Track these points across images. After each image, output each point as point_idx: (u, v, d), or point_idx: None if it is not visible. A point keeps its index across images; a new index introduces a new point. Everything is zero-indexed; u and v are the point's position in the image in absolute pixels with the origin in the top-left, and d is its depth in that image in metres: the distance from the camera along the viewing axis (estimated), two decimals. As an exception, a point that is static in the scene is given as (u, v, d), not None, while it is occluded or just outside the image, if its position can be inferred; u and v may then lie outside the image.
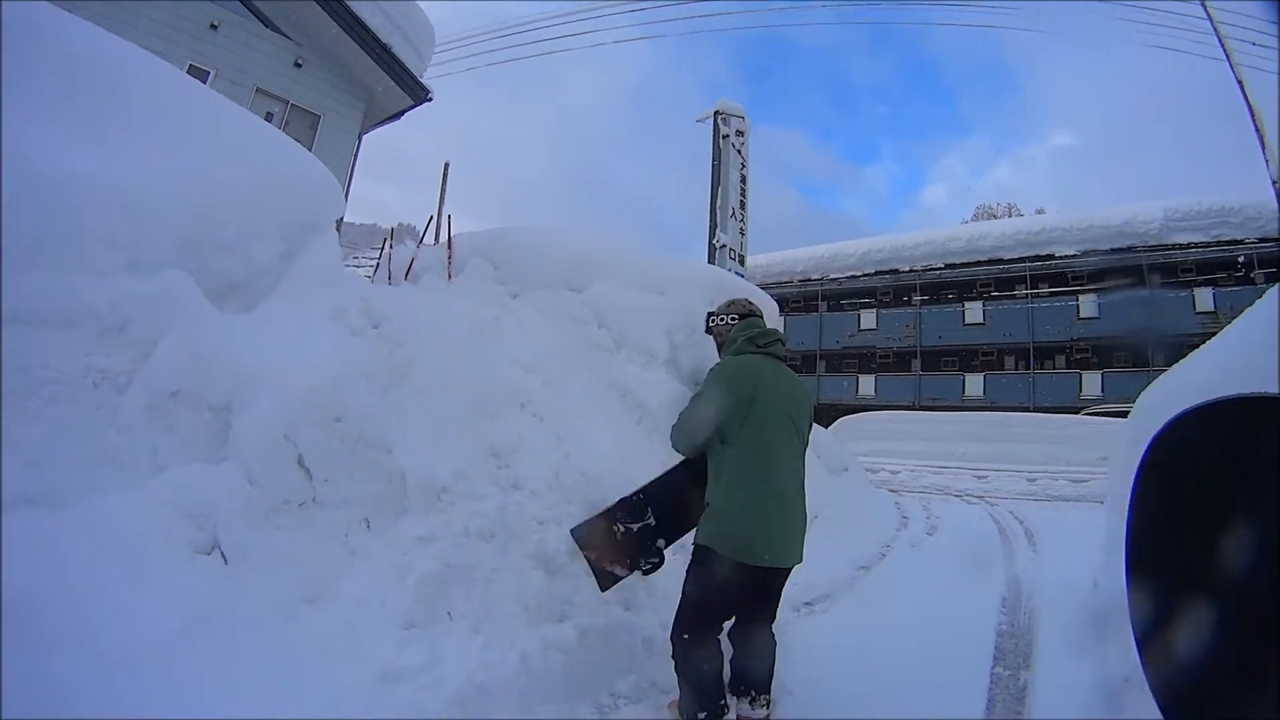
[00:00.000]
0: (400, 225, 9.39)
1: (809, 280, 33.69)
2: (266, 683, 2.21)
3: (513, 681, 2.55)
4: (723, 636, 2.70)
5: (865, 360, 32.03)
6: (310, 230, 3.78)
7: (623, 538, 2.86)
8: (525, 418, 3.98)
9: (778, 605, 2.76)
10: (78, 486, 2.39)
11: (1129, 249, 26.68)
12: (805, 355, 32.80)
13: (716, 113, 13.06)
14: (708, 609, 2.63)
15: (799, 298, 33.35)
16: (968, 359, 29.69)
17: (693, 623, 2.63)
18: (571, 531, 3.10)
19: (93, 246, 2.72)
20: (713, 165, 12.81)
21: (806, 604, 4.42)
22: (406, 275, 6.66)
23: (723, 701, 2.59)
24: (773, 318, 7.54)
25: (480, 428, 3.64)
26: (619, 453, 4.11)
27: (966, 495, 11.56)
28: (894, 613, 4.39)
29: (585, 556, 3.04)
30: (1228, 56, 11.21)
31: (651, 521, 2.81)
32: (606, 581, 3.03)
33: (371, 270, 7.28)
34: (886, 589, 5.09)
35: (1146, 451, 2.18)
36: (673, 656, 2.66)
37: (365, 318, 3.73)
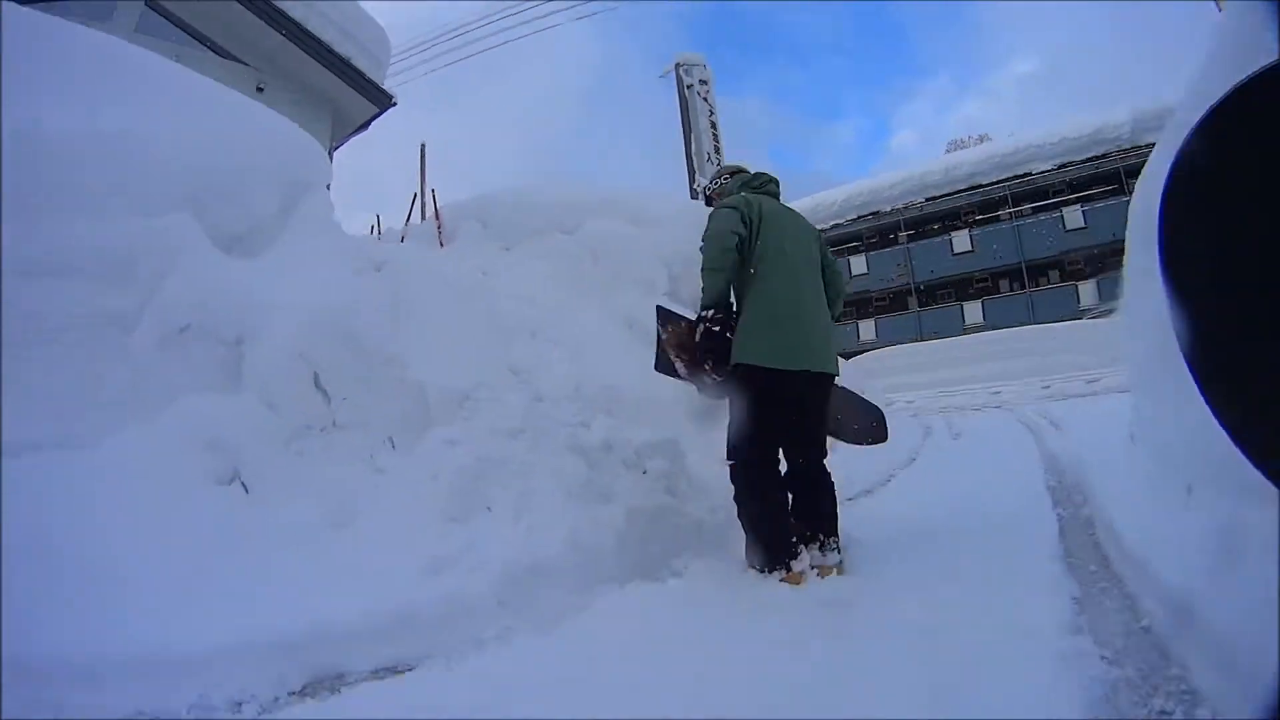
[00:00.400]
0: (389, 229, 9.36)
1: (793, 236, 33.47)
2: (301, 592, 2.11)
3: (564, 559, 2.50)
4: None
5: (861, 306, 31.70)
6: (304, 187, 3.75)
7: (702, 336, 2.74)
8: (538, 344, 3.91)
9: (825, 431, 2.79)
10: (97, 428, 2.33)
11: (1104, 156, 26.56)
12: (801, 311, 32.50)
13: (678, 65, 13.02)
14: (758, 430, 2.60)
15: (786, 255, 33.10)
16: (963, 288, 29.52)
17: (747, 449, 2.62)
18: (658, 307, 3.07)
19: (97, 194, 2.69)
20: (682, 115, 12.79)
21: (849, 499, 4.36)
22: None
23: (794, 540, 2.54)
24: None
25: (495, 351, 3.57)
26: (637, 370, 4.05)
27: (985, 408, 11.51)
28: (945, 486, 4.45)
29: (658, 334, 2.99)
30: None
31: (730, 336, 2.70)
32: (663, 367, 2.98)
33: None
34: (928, 476, 5.09)
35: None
36: (735, 500, 2.64)
37: (367, 260, 3.68)
